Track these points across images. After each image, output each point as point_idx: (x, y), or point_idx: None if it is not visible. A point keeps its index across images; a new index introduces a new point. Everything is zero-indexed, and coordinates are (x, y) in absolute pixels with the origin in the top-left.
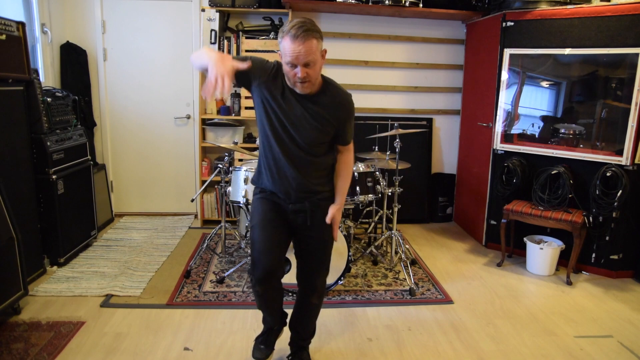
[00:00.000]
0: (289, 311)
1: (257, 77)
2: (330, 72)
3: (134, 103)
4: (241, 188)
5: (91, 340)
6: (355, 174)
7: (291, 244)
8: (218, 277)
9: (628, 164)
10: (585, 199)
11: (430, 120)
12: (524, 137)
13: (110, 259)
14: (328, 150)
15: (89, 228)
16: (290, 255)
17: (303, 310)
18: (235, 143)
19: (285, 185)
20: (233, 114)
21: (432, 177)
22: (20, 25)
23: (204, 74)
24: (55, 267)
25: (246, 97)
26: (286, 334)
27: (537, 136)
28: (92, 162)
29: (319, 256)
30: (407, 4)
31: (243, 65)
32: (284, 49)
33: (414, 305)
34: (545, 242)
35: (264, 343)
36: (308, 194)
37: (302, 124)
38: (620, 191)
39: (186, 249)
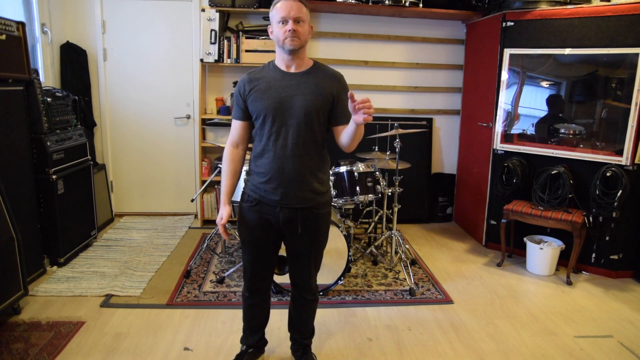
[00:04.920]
0: (283, 314)
1: (244, 96)
2: None
3: (134, 103)
4: (241, 188)
5: (91, 340)
6: (356, 174)
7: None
8: (218, 277)
9: (628, 164)
10: (585, 199)
11: (430, 120)
12: (524, 137)
13: (110, 259)
14: (323, 133)
15: (89, 228)
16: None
17: (302, 308)
18: None
19: (278, 178)
20: None
21: (432, 177)
22: (20, 25)
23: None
24: (55, 267)
25: None
26: (281, 343)
27: (536, 136)
28: (92, 162)
29: (312, 259)
30: (407, 4)
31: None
32: (275, 10)
33: (414, 305)
34: (545, 242)
35: None
36: (302, 192)
37: (297, 92)
38: (620, 191)
39: (186, 249)
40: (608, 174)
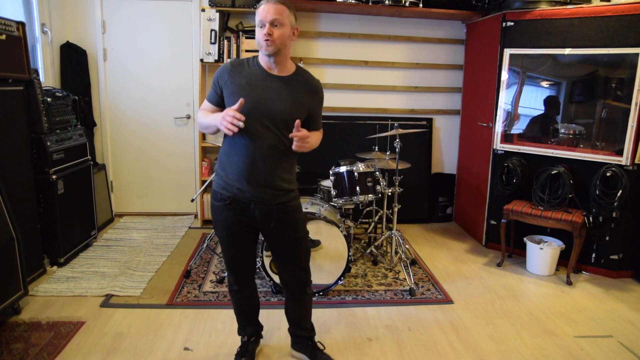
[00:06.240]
0: (279, 312)
1: (222, 84)
2: (331, 72)
3: (134, 103)
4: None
5: (91, 340)
6: (356, 173)
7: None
8: (218, 277)
9: (628, 164)
10: (585, 199)
11: (430, 120)
12: (524, 137)
13: (110, 259)
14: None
15: (89, 228)
16: None
17: (299, 304)
18: None
19: (251, 178)
20: None
21: (432, 177)
22: (20, 25)
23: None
24: (55, 267)
25: None
26: (282, 342)
27: (531, 135)
28: (92, 162)
29: (296, 253)
30: (407, 4)
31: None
32: (256, 14)
33: (414, 305)
34: (545, 242)
35: (244, 355)
36: (273, 190)
37: (277, 97)
38: (620, 191)
39: (186, 249)
40: (608, 174)
